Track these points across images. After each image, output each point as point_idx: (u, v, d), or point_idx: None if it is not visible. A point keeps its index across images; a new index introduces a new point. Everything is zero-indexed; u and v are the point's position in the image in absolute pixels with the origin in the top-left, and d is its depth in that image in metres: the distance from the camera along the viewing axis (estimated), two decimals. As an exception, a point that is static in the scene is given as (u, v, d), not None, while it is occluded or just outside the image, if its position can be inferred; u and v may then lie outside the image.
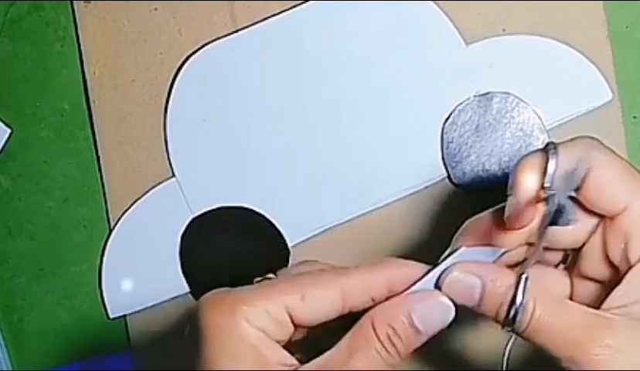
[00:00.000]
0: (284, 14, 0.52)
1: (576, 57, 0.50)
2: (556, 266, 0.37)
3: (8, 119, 0.55)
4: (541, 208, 0.32)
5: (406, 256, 0.52)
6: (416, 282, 0.33)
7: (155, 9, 0.54)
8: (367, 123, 0.52)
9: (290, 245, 0.52)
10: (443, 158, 0.51)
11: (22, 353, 0.55)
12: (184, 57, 0.53)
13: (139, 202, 0.53)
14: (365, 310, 0.33)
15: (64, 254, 0.55)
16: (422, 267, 0.34)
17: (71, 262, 0.55)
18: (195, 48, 0.53)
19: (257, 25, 0.52)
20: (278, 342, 0.33)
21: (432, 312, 0.32)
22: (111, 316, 0.54)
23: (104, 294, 0.54)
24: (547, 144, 0.31)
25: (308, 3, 0.52)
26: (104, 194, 0.54)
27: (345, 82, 0.52)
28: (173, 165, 0.53)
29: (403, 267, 0.34)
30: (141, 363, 0.54)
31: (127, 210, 0.53)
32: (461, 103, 0.51)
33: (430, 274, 0.33)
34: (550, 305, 0.31)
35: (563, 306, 0.32)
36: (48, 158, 0.55)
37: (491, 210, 0.35)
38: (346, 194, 0.52)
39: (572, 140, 0.34)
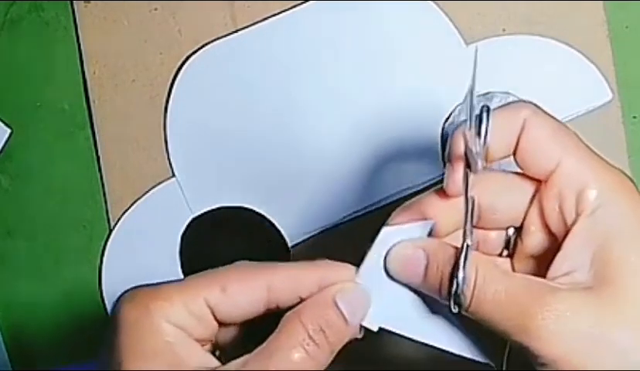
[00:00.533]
0: (284, 14, 0.52)
1: (576, 57, 0.50)
2: (500, 255, 0.35)
3: (8, 119, 0.55)
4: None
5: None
6: None
7: (155, 9, 0.54)
8: (367, 123, 0.52)
9: (290, 245, 0.52)
10: (443, 158, 0.51)
11: (22, 353, 0.55)
12: (184, 57, 0.53)
13: (139, 202, 0.53)
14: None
15: (64, 254, 0.55)
16: (354, 269, 0.33)
17: (71, 262, 0.55)
18: (195, 48, 0.53)
19: (257, 25, 0.52)
20: (201, 340, 0.32)
21: (354, 298, 0.32)
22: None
23: (104, 294, 0.54)
24: (481, 108, 0.31)
25: (308, 3, 0.52)
26: (104, 194, 0.54)
27: (345, 82, 0.52)
28: (173, 165, 0.53)
29: (335, 268, 0.33)
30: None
31: (127, 210, 0.53)
32: (461, 103, 0.51)
33: (364, 264, 0.33)
34: (493, 275, 0.30)
35: (506, 275, 0.31)
36: (48, 158, 0.55)
37: (418, 196, 0.34)
38: (346, 194, 0.52)
39: (507, 104, 0.34)
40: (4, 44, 0.55)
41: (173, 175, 0.53)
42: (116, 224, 0.54)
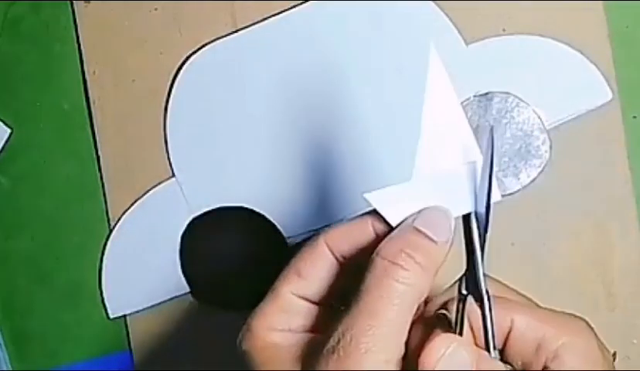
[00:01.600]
0: (284, 14, 0.52)
1: (576, 57, 0.50)
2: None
3: (8, 119, 0.55)
4: None
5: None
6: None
7: (155, 9, 0.54)
8: (367, 123, 0.52)
9: (289, 245, 0.52)
10: (443, 158, 0.51)
11: (22, 353, 0.55)
12: (184, 57, 0.53)
13: (139, 202, 0.53)
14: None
15: (64, 254, 0.55)
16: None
17: (71, 262, 0.55)
18: (195, 48, 0.53)
19: (257, 25, 0.52)
20: (315, 326, 0.33)
21: (432, 216, 0.32)
22: (111, 316, 0.54)
23: (104, 294, 0.54)
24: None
25: (307, 3, 0.52)
26: (104, 194, 0.54)
27: (345, 82, 0.52)
28: (173, 165, 0.53)
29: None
30: (141, 363, 0.54)
31: (127, 210, 0.53)
32: (461, 103, 0.51)
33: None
34: None
35: None
36: (48, 158, 0.55)
37: None
38: (346, 194, 0.52)
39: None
40: (4, 44, 0.55)
41: (173, 175, 0.53)
42: (116, 224, 0.54)
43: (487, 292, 0.32)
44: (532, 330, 0.32)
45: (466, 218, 0.33)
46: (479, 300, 0.32)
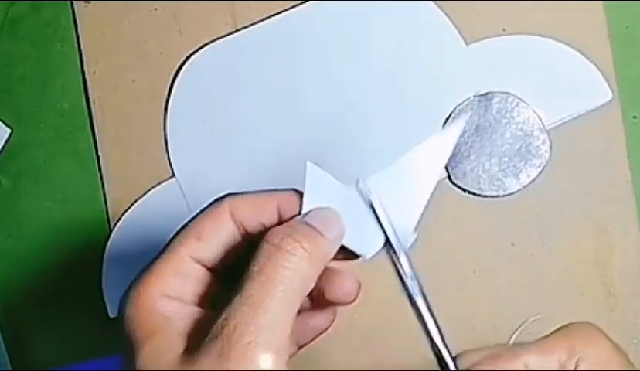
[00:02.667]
0: (284, 14, 0.52)
1: (576, 57, 0.50)
2: None
3: (8, 119, 0.55)
4: None
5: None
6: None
7: (155, 9, 0.54)
8: (367, 123, 0.52)
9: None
10: (443, 158, 0.51)
11: (22, 353, 0.55)
12: (184, 57, 0.53)
13: (139, 202, 0.53)
14: None
15: (64, 254, 0.55)
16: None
17: (71, 262, 0.55)
18: (195, 48, 0.53)
19: (257, 25, 0.52)
20: (206, 293, 0.32)
21: (323, 214, 0.32)
22: (111, 316, 0.54)
23: (104, 294, 0.54)
24: None
25: (307, 3, 0.52)
26: (104, 194, 0.54)
27: (344, 82, 0.52)
28: (173, 165, 0.53)
29: (292, 192, 0.34)
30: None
31: (127, 210, 0.53)
32: (461, 103, 0.51)
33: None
34: None
35: None
36: (48, 158, 0.55)
37: None
38: (346, 194, 0.52)
39: None
40: (4, 44, 0.55)
41: (173, 175, 0.53)
42: (116, 224, 0.54)
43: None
44: (546, 363, 0.32)
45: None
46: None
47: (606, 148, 0.51)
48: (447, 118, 0.51)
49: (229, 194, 0.33)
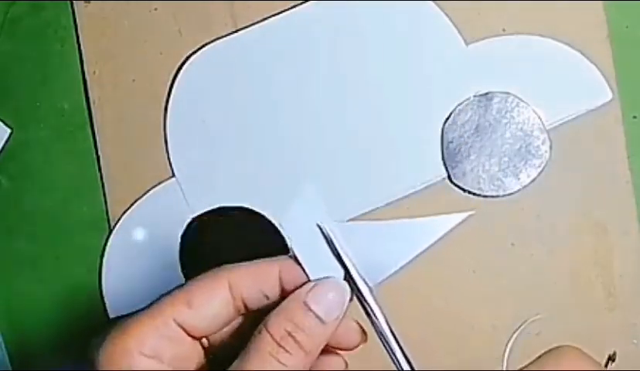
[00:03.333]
0: (284, 14, 0.52)
1: (576, 57, 0.50)
2: None
3: (8, 119, 0.55)
4: None
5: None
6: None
7: (155, 9, 0.54)
8: (367, 123, 0.52)
9: (290, 245, 0.52)
10: (443, 158, 0.51)
11: (22, 353, 0.55)
12: (184, 57, 0.53)
13: (139, 202, 0.53)
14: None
15: (64, 254, 0.55)
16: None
17: (71, 262, 0.55)
18: (195, 48, 0.53)
19: (257, 25, 0.52)
20: (183, 359, 0.31)
21: (326, 291, 0.31)
22: (111, 316, 0.54)
23: (104, 294, 0.54)
24: None
25: (308, 3, 0.52)
26: (104, 194, 0.54)
27: (344, 82, 0.52)
28: (173, 165, 0.53)
29: (292, 261, 0.33)
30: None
31: (127, 210, 0.53)
32: (461, 103, 0.51)
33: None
34: None
35: None
36: (48, 158, 0.55)
37: None
38: (346, 195, 0.52)
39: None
40: (4, 44, 0.55)
41: (173, 175, 0.53)
42: (116, 224, 0.54)
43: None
44: None
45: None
46: None
47: (606, 148, 0.51)
48: (447, 118, 0.51)
49: (228, 265, 0.33)
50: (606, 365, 0.50)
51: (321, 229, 0.32)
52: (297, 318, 0.30)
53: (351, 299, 0.32)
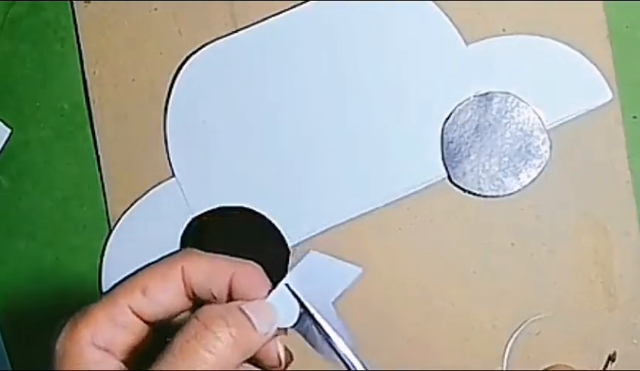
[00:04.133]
0: (284, 14, 0.52)
1: (576, 57, 0.50)
2: None
3: (8, 119, 0.55)
4: None
5: (405, 256, 0.52)
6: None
7: (155, 9, 0.54)
8: (367, 123, 0.52)
9: (290, 245, 0.52)
10: (443, 158, 0.51)
11: (22, 353, 0.55)
12: (184, 57, 0.53)
13: (139, 202, 0.53)
14: None
15: (64, 254, 0.55)
16: (267, 285, 0.33)
17: (71, 262, 0.55)
18: (195, 48, 0.53)
19: (257, 25, 0.52)
20: (137, 345, 0.31)
21: (261, 307, 0.31)
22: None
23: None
24: None
25: (308, 3, 0.52)
26: (104, 194, 0.54)
27: (344, 82, 0.52)
28: (173, 165, 0.53)
29: (250, 274, 0.32)
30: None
31: (127, 210, 0.53)
32: (461, 103, 0.51)
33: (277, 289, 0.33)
34: None
35: None
36: (48, 158, 0.55)
37: None
38: (346, 194, 0.52)
39: None
40: (4, 44, 0.55)
41: (173, 175, 0.53)
42: (116, 224, 0.54)
43: None
44: None
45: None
46: None
47: (606, 148, 0.51)
48: (447, 118, 0.51)
49: (187, 250, 0.33)
50: (606, 366, 0.50)
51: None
52: (231, 311, 0.30)
53: (294, 326, 0.33)
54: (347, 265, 0.34)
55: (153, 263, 0.33)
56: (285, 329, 0.33)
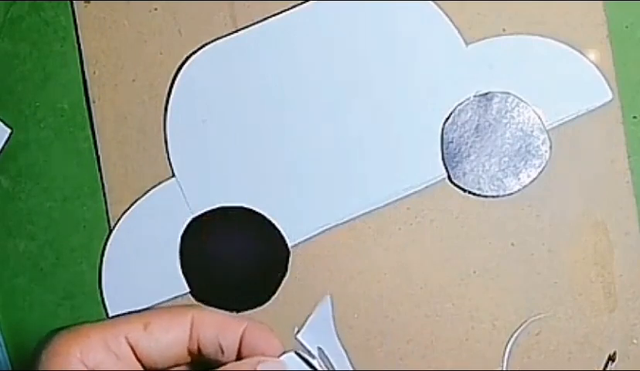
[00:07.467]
0: (284, 14, 0.52)
1: (576, 57, 0.50)
2: None
3: (8, 119, 0.55)
4: None
5: (405, 256, 0.52)
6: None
7: (155, 9, 0.54)
8: (367, 123, 0.52)
9: (290, 245, 0.52)
10: (443, 158, 0.51)
11: (22, 353, 0.55)
12: (184, 57, 0.53)
13: (139, 202, 0.53)
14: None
15: (64, 254, 0.55)
16: (279, 345, 0.32)
17: (71, 262, 0.55)
18: (195, 48, 0.53)
19: (257, 25, 0.52)
20: None
21: (278, 366, 0.31)
22: (111, 316, 0.54)
23: (104, 294, 0.54)
24: None
25: (308, 3, 0.52)
26: (104, 194, 0.54)
27: (344, 82, 0.52)
28: (173, 165, 0.53)
29: (262, 331, 0.32)
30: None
31: (127, 210, 0.53)
32: (461, 103, 0.51)
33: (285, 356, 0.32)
34: None
35: None
36: (48, 158, 0.55)
37: None
38: (346, 194, 0.52)
39: None
40: (4, 44, 0.55)
41: (173, 175, 0.53)
42: (116, 224, 0.54)
43: None
44: None
45: None
46: None
47: (606, 148, 0.51)
48: (447, 118, 0.51)
49: (199, 304, 0.33)
50: (606, 366, 0.50)
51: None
52: None
53: None
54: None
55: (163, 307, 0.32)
56: None
